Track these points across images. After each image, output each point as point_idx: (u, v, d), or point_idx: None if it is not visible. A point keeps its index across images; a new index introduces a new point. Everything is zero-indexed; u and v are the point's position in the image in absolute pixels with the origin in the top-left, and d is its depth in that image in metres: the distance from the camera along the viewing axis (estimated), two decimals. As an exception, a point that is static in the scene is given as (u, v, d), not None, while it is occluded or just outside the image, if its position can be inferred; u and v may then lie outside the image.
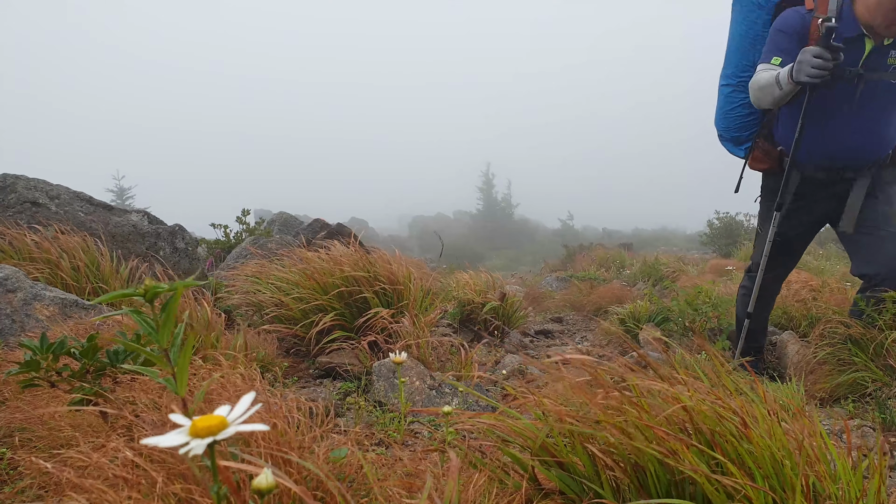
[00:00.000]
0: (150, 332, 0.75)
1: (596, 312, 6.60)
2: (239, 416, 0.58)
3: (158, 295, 0.76)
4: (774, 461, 1.30)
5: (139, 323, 0.75)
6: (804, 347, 3.67)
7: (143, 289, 0.75)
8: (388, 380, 2.70)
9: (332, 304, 3.35)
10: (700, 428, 1.32)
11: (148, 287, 0.75)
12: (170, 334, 0.75)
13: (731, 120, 3.23)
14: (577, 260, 13.37)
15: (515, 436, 1.44)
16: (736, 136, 3.26)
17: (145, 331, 0.75)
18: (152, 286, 0.75)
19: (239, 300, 3.73)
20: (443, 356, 3.23)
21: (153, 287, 0.75)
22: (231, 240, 6.09)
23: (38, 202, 4.19)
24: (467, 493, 1.16)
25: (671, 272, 9.19)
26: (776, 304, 4.70)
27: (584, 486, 1.34)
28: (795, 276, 5.65)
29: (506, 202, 42.09)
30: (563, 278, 9.89)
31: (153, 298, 0.75)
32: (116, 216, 4.53)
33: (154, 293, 0.74)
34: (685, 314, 4.35)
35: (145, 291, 0.74)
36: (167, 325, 0.75)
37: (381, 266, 3.57)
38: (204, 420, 0.56)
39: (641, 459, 1.27)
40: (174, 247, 4.73)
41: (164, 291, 0.75)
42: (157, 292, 0.75)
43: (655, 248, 21.41)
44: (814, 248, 11.33)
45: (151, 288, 0.75)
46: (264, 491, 0.61)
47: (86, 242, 3.80)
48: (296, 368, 3.17)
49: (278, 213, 7.64)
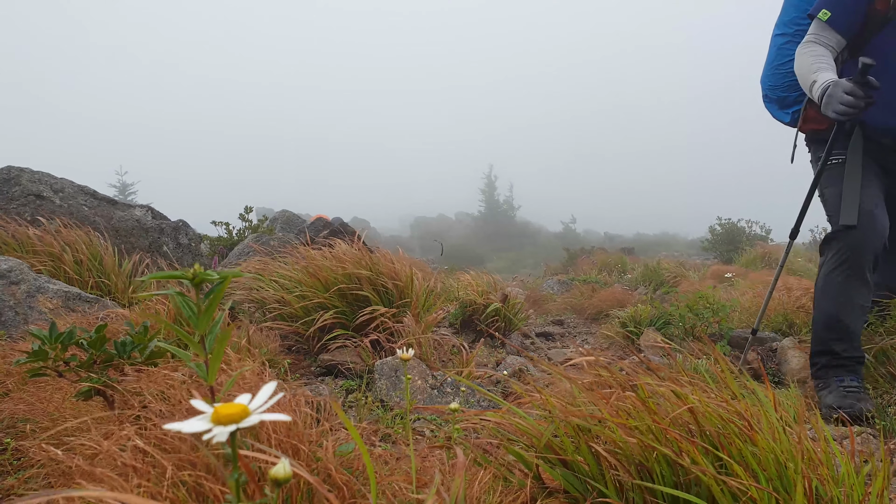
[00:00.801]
0: (191, 317, 0.75)
1: (597, 316, 6.60)
2: (260, 406, 0.58)
3: (206, 280, 0.76)
4: (778, 463, 1.31)
5: (181, 306, 0.75)
6: (805, 354, 3.67)
7: (192, 273, 0.76)
8: (390, 378, 2.70)
9: (334, 302, 3.35)
10: (705, 430, 1.32)
11: (197, 271, 0.76)
12: (209, 321, 0.75)
13: (780, 77, 2.86)
14: (578, 263, 13.38)
15: (520, 434, 1.44)
16: (783, 97, 2.89)
17: (186, 314, 0.76)
18: (201, 272, 0.76)
19: (241, 297, 3.74)
20: (444, 356, 3.23)
21: (202, 273, 0.76)
22: (234, 237, 6.10)
23: (43, 195, 4.19)
24: (472, 490, 1.17)
25: (672, 277, 9.20)
26: (777, 311, 4.70)
27: (589, 486, 1.34)
28: (796, 283, 5.66)
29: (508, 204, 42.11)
30: (565, 281, 9.89)
31: (200, 283, 0.76)
32: (120, 211, 4.53)
33: (203, 279, 0.75)
34: (686, 319, 4.36)
35: (194, 276, 0.75)
36: (209, 311, 0.75)
37: (384, 265, 3.58)
38: (226, 408, 0.56)
39: (648, 460, 1.27)
40: (177, 242, 4.74)
41: (213, 279, 0.76)
42: (205, 278, 0.75)
43: (657, 252, 21.41)
44: (815, 256, 11.34)
45: (201, 273, 0.75)
46: (281, 480, 0.62)
47: (89, 236, 3.81)
48: (298, 366, 3.17)
49: (281, 212, 7.65)
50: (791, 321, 4.59)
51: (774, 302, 4.95)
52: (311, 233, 5.43)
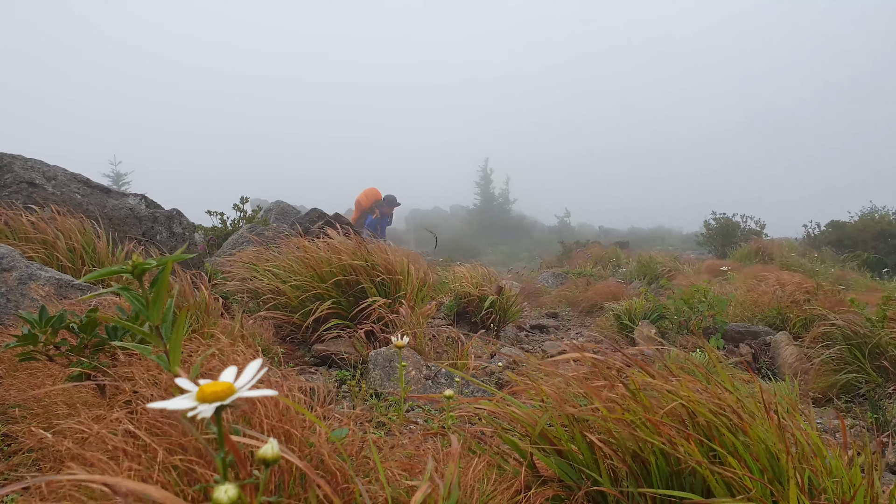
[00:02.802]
0: (140, 309, 0.74)
1: (591, 309, 6.61)
2: (246, 383, 0.57)
3: (147, 271, 0.74)
4: (770, 455, 1.31)
5: (128, 299, 0.74)
6: (798, 348, 3.69)
7: (132, 264, 0.74)
8: (385, 368, 2.69)
9: (329, 293, 3.34)
10: (698, 421, 1.32)
11: (136, 262, 0.74)
12: (160, 311, 0.74)
13: None
14: (573, 257, 13.40)
15: (515, 423, 1.44)
16: None
17: (135, 307, 0.74)
18: (140, 262, 0.74)
19: (235, 287, 3.72)
20: (439, 347, 3.22)
21: (141, 263, 0.74)
22: (228, 227, 6.07)
23: (35, 183, 4.16)
24: (466, 478, 1.16)
25: (667, 271, 9.22)
26: (771, 305, 4.72)
27: (583, 474, 1.34)
28: (790, 278, 5.68)
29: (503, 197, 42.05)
30: (559, 275, 9.90)
31: (142, 274, 0.74)
32: (114, 199, 4.50)
33: (143, 269, 0.73)
34: (681, 312, 4.37)
35: (133, 267, 0.73)
36: (157, 301, 0.73)
37: (379, 256, 3.56)
38: (211, 385, 0.55)
39: (643, 451, 1.27)
40: (171, 231, 4.71)
41: (153, 267, 0.74)
42: (146, 268, 0.74)
43: (651, 246, 21.44)
44: (809, 251, 11.38)
45: (140, 264, 0.73)
46: (269, 461, 0.61)
47: (82, 224, 3.78)
48: (292, 355, 3.16)
49: (275, 202, 7.63)
50: (785, 316, 4.60)
51: (768, 297, 4.97)
52: (306, 223, 5.41)
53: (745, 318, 4.86)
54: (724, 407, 1.35)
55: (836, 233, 13.84)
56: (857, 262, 10.58)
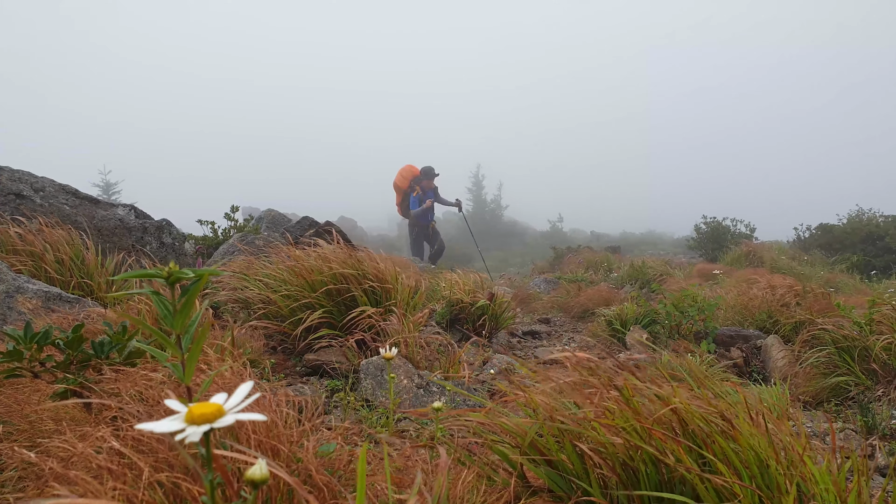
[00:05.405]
0: (166, 316, 0.73)
1: (583, 314, 6.62)
2: (236, 405, 0.57)
3: (181, 279, 0.74)
4: (759, 461, 1.31)
5: (157, 305, 0.73)
6: (789, 351, 3.71)
7: (167, 271, 0.74)
8: (376, 378, 2.68)
9: (319, 302, 3.33)
10: (688, 429, 1.33)
11: (172, 270, 0.74)
12: (186, 321, 0.73)
13: None
14: (565, 262, 13.42)
15: (505, 433, 1.43)
16: None
17: (162, 313, 0.73)
18: (176, 270, 0.74)
19: (226, 296, 3.70)
20: (430, 355, 3.22)
21: (177, 271, 0.74)
22: (219, 236, 6.04)
23: (23, 194, 4.13)
24: (456, 490, 1.16)
25: (658, 275, 9.24)
26: (762, 309, 4.74)
27: (573, 484, 1.34)
28: (780, 281, 5.71)
29: (496, 203, 42.07)
30: (551, 280, 9.91)
31: (175, 282, 0.74)
32: (103, 210, 4.47)
33: (178, 278, 0.73)
34: (672, 317, 4.38)
35: (169, 274, 0.73)
36: (185, 310, 0.73)
37: (369, 264, 3.56)
38: (200, 407, 0.54)
39: (633, 459, 1.27)
40: (161, 241, 4.68)
41: (188, 277, 0.74)
42: (181, 277, 0.73)
43: (643, 251, 21.52)
44: (798, 254, 11.46)
45: (176, 272, 0.73)
46: (258, 482, 0.60)
47: (70, 236, 3.75)
48: (283, 366, 3.14)
49: (266, 211, 7.59)
50: (776, 319, 4.63)
51: (759, 300, 5.00)
52: (297, 232, 5.40)
53: (735, 322, 4.88)
54: (715, 413, 1.36)
55: (826, 236, 13.95)
56: (847, 264, 10.67)
